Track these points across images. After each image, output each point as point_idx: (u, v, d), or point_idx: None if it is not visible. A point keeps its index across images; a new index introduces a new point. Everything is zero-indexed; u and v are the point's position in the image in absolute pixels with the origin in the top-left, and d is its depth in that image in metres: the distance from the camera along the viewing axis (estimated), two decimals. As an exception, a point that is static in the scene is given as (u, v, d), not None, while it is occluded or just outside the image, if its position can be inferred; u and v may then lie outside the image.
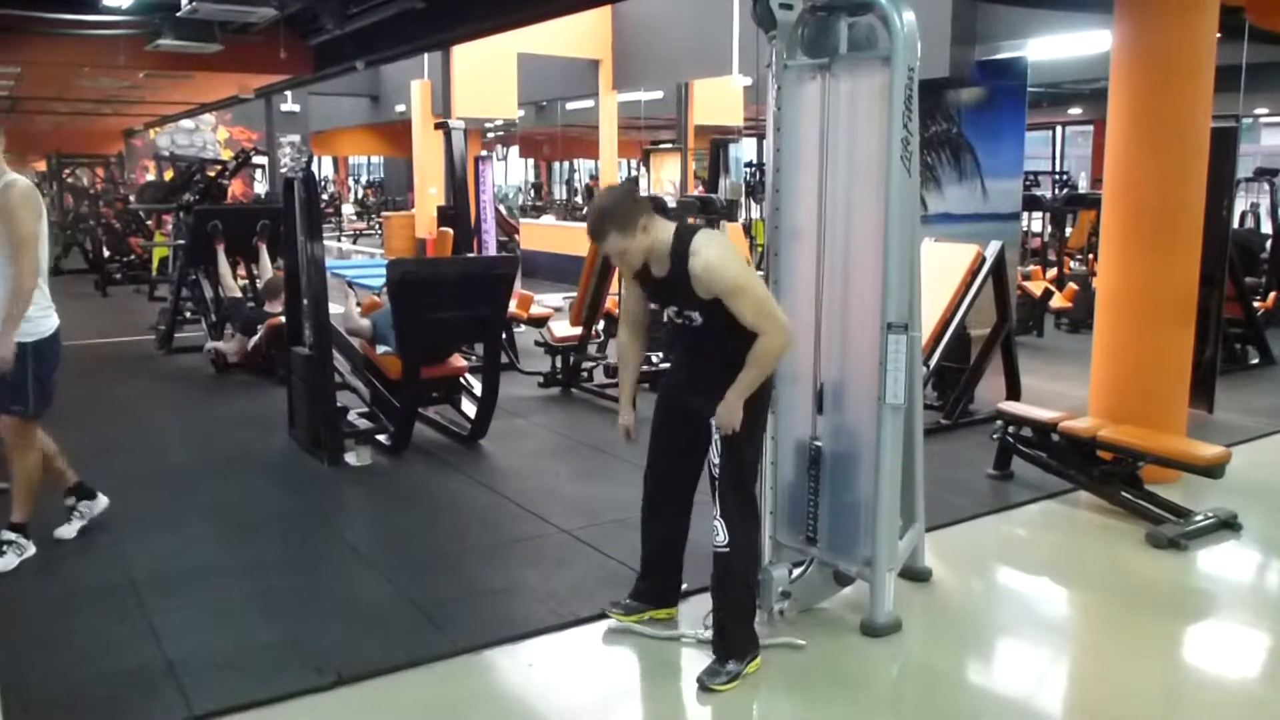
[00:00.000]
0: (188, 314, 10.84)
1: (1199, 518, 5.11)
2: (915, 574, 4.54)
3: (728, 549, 3.67)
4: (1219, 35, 5.85)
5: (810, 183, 4.08)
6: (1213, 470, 5.17)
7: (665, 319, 3.80)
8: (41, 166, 29.46)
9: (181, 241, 10.64)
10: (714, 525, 3.69)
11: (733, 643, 3.72)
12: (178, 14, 8.93)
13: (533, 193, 35.14)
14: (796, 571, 4.18)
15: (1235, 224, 9.98)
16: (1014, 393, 7.35)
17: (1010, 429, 5.96)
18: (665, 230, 3.60)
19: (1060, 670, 4.09)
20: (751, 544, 3.78)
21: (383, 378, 6.97)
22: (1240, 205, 13.21)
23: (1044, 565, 4.98)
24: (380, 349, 7.06)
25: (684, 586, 4.22)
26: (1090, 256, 13.00)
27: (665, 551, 4.08)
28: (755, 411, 3.69)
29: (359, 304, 7.65)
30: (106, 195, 19.06)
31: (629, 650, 4.00)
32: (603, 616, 4.14)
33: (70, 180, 22.44)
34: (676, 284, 3.58)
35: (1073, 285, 11.73)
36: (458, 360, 7.22)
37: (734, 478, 3.70)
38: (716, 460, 3.68)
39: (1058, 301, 11.50)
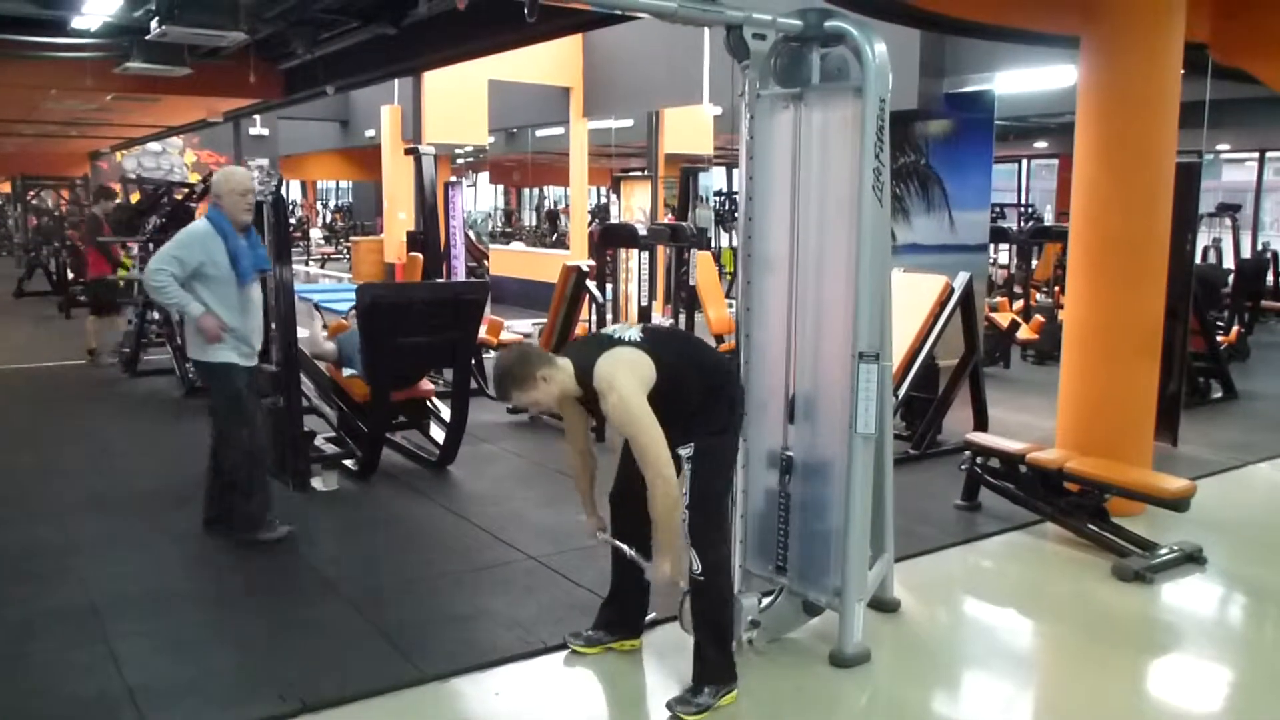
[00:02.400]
0: (153, 337, 10.73)
1: (1164, 551, 5.15)
2: (884, 604, 4.54)
3: (703, 577, 3.68)
4: (1182, 72, 5.96)
5: (783, 212, 4.11)
6: (1178, 504, 5.21)
7: None
8: (5, 189, 29.18)
9: None
10: (689, 554, 3.69)
11: (710, 669, 3.72)
12: (146, 37, 8.87)
13: (503, 219, 35.11)
14: (766, 601, 4.18)
15: (1198, 259, 10.12)
16: (981, 423, 7.40)
17: (978, 460, 6.00)
18: (567, 373, 3.66)
19: (1026, 702, 4.10)
20: (726, 570, 3.80)
21: (350, 400, 6.93)
22: (1203, 240, 13.42)
23: (1011, 597, 5.00)
24: (346, 371, 7.04)
25: (651, 616, 4.21)
26: (1056, 289, 13.14)
27: (634, 584, 4.04)
28: (722, 446, 3.76)
29: (325, 326, 7.63)
30: (71, 218, 18.87)
31: (597, 679, 3.98)
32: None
33: (35, 202, 22.23)
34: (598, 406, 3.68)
35: (1039, 317, 11.84)
36: (425, 383, 7.20)
37: (704, 507, 3.72)
38: (686, 490, 3.69)
39: (1024, 333, 11.60)
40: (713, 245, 18.91)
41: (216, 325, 5.14)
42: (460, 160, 25.62)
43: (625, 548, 3.90)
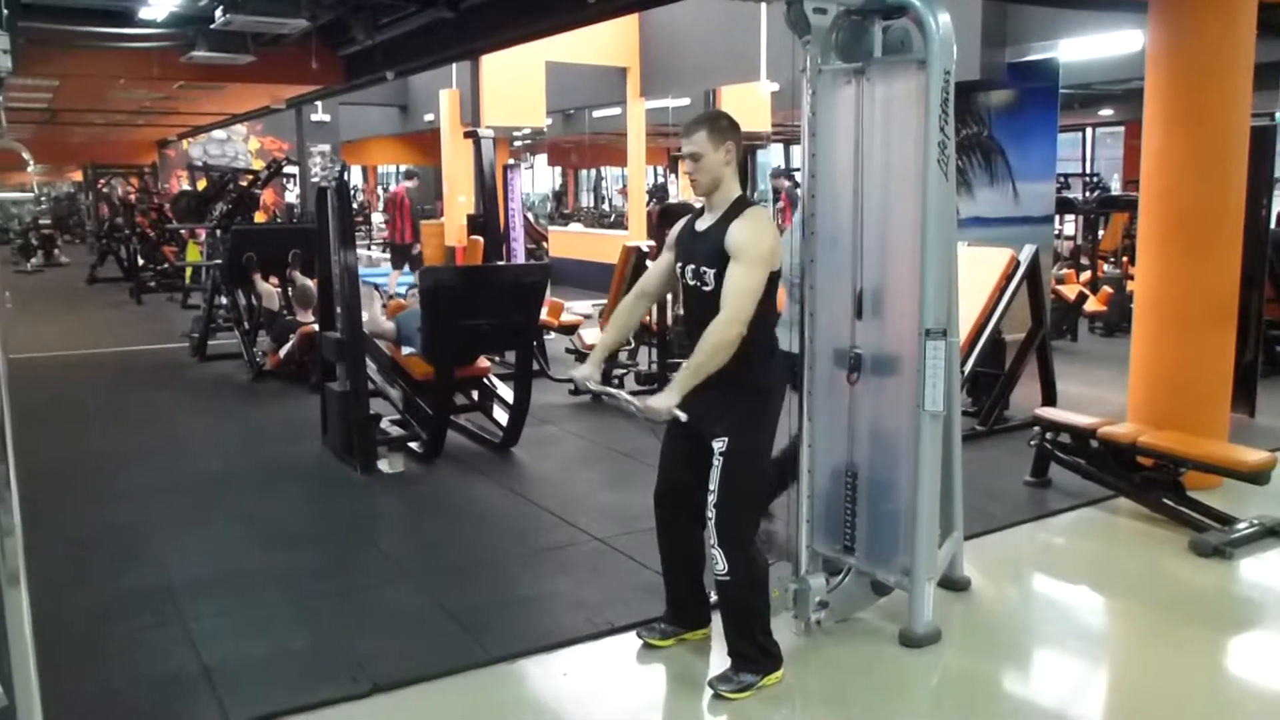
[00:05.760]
0: (220, 321, 10.91)
1: (1244, 525, 5.01)
2: (954, 583, 4.47)
3: (729, 577, 3.59)
4: (1256, 32, 5.75)
5: (846, 189, 4.04)
6: (1258, 476, 5.05)
7: (683, 283, 3.74)
8: (77, 176, 29.81)
9: (218, 261, 10.73)
10: (712, 554, 3.61)
11: (745, 661, 3.67)
12: (211, 26, 8.98)
13: (556, 201, 34.96)
14: (834, 581, 4.13)
15: (1274, 224, 9.80)
16: (1050, 398, 7.26)
17: (1048, 435, 5.88)
18: (736, 187, 3.64)
19: (1101, 681, 4.02)
20: (754, 568, 3.66)
21: (409, 378, 7.00)
22: (1279, 205, 13.04)
23: (1084, 574, 4.90)
24: (406, 350, 7.11)
25: (716, 599, 4.17)
26: (1124, 259, 12.86)
27: (688, 581, 3.97)
28: (756, 434, 3.59)
29: (384, 306, 7.70)
30: (140, 205, 19.23)
31: (663, 661, 3.96)
32: (637, 625, 4.10)
33: (105, 190, 22.67)
34: (710, 238, 3.58)
35: (1107, 288, 11.59)
36: (482, 360, 7.24)
37: (732, 505, 3.58)
38: (714, 487, 3.57)
39: (1092, 305, 11.36)
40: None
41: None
42: (518, 143, 25.65)
43: (610, 390, 3.82)
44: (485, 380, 7.32)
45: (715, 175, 3.60)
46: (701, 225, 3.68)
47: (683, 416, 3.45)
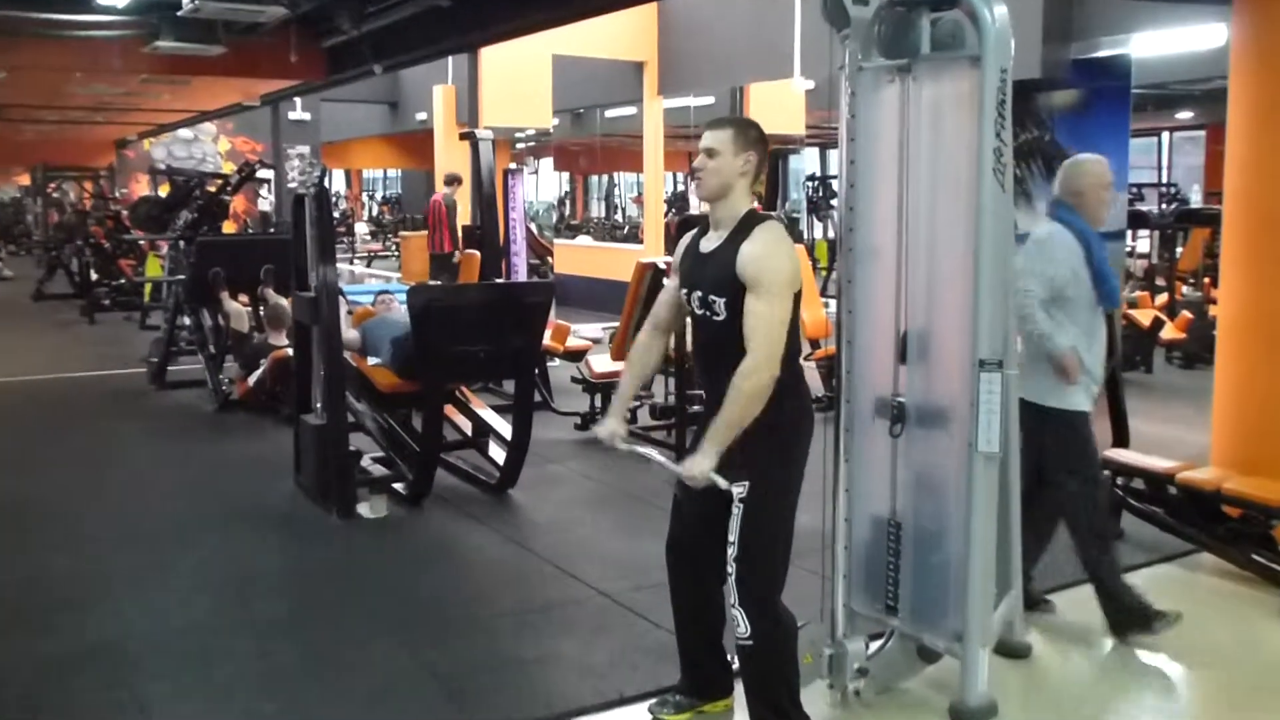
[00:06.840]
0: (183, 345, 10.94)
1: (1344, 586, 4.98)
2: (1012, 649, 4.44)
3: (751, 641, 3.55)
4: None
5: (889, 199, 4.03)
6: (1359, 530, 5.03)
7: (690, 311, 3.72)
8: (25, 180, 30.06)
9: (181, 277, 10.78)
10: (732, 614, 3.58)
11: None
12: (178, 13, 9.04)
13: (562, 210, 35.09)
14: (875, 645, 4.11)
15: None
16: (1121, 438, 7.19)
17: (1119, 481, 5.86)
18: (746, 201, 3.61)
19: (1182, 763, 3.98)
20: (780, 630, 3.63)
21: (372, 390, 7.03)
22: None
23: (1161, 640, 4.82)
24: (371, 360, 7.17)
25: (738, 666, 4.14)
26: (1205, 280, 12.84)
27: (706, 644, 3.95)
28: (782, 476, 3.55)
29: (350, 313, 7.74)
30: (96, 212, 19.37)
31: (680, 734, 3.93)
32: (649, 696, 4.07)
33: (56, 195, 22.87)
34: (718, 262, 3.55)
35: (1186, 314, 11.56)
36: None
37: (755, 559, 3.54)
38: (733, 539, 3.53)
39: (1169, 332, 11.33)
40: (806, 237, 18.82)
41: (1078, 363, 4.59)
42: (521, 145, 25.79)
43: (649, 451, 3.71)
44: (457, 393, 7.34)
45: (726, 180, 3.57)
46: (707, 245, 3.65)
47: (723, 484, 3.44)
